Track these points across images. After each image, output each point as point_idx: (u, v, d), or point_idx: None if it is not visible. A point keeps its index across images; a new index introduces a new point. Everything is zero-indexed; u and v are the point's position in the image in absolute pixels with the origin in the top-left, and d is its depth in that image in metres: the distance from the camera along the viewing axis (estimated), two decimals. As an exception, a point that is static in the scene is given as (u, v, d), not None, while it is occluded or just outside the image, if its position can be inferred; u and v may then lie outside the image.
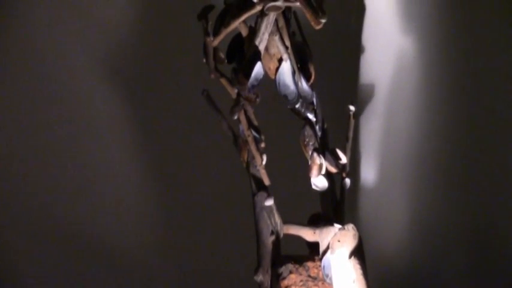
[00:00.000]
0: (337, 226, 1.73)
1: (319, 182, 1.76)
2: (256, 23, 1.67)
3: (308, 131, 1.76)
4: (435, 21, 2.27)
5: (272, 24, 1.67)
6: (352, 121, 1.84)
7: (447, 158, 2.35)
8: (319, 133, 1.78)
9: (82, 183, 2.37)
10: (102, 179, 2.38)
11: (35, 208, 2.36)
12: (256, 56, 1.67)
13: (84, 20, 2.29)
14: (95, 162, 2.37)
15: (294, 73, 1.71)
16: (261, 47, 1.67)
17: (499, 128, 2.32)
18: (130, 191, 2.40)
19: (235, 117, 1.67)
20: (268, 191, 1.73)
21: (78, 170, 2.37)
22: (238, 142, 1.77)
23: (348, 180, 1.82)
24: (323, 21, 1.63)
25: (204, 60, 1.69)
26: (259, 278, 1.67)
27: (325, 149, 1.79)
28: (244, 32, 1.70)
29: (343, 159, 1.80)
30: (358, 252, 1.70)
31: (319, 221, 1.79)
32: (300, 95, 1.72)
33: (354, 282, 1.66)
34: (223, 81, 1.69)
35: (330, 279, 1.69)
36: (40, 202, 2.36)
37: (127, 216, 2.40)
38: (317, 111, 1.78)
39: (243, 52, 1.71)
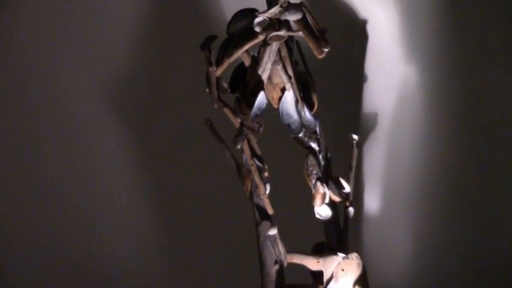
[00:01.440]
0: (341, 255, 1.73)
1: (322, 211, 1.75)
2: (259, 53, 1.68)
3: (311, 160, 1.76)
4: (437, 49, 2.28)
5: (275, 54, 1.67)
6: (356, 150, 1.84)
7: (450, 186, 2.34)
8: (322, 162, 1.78)
9: (85, 212, 2.37)
10: (105, 206, 2.38)
11: (39, 237, 2.36)
12: (259, 86, 1.67)
13: (87, 49, 2.30)
14: (98, 189, 2.37)
15: (297, 102, 1.71)
16: (264, 77, 1.68)
17: (502, 155, 2.32)
18: (133, 220, 2.40)
19: (239, 147, 1.67)
20: (272, 221, 1.73)
21: (81, 198, 2.37)
22: (241, 171, 1.76)
23: (351, 209, 1.82)
24: (326, 50, 1.63)
25: (207, 90, 1.69)
26: (263, 307, 1.67)
27: (329, 178, 1.79)
28: (247, 62, 1.70)
29: (347, 188, 1.80)
30: (362, 281, 1.69)
31: (323, 250, 1.78)
32: (303, 124, 1.73)
33: (358, 311, 1.66)
34: (226, 110, 1.69)
35: (334, 308, 1.69)
36: (43, 231, 2.36)
37: (130, 246, 2.40)
38: (320, 140, 1.78)
39: (246, 82, 1.71)
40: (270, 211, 1.73)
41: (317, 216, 1.76)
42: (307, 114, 1.73)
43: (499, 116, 2.31)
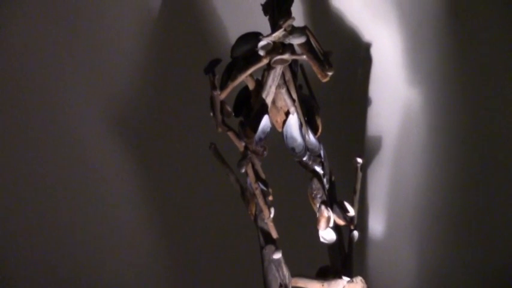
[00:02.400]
0: (345, 278, 1.72)
1: (327, 235, 1.75)
2: (263, 76, 1.68)
3: (316, 183, 1.76)
4: (441, 72, 2.28)
5: (279, 77, 1.67)
6: (360, 173, 1.84)
7: (456, 208, 2.34)
8: (326, 186, 1.78)
9: (89, 232, 2.37)
10: (106, 219, 2.38)
11: (39, 247, 2.36)
12: (263, 109, 1.67)
13: (92, 68, 2.31)
14: (101, 209, 2.37)
15: (301, 126, 1.72)
16: (268, 100, 1.68)
17: (507, 177, 2.32)
18: (133, 234, 2.40)
19: (243, 171, 1.67)
20: (276, 244, 1.72)
21: (85, 217, 2.37)
22: (245, 195, 1.76)
23: (356, 233, 1.81)
24: (330, 74, 1.64)
25: (211, 114, 1.70)
26: (267, 331, 1.67)
27: (333, 201, 1.79)
28: (251, 85, 1.71)
29: (351, 212, 1.80)
30: (367, 305, 1.69)
31: (327, 273, 1.78)
32: (307, 148, 1.73)
33: (363, 335, 1.65)
34: (230, 134, 1.69)
35: (339, 332, 1.69)
36: (47, 252, 2.36)
37: (133, 269, 2.40)
38: (324, 163, 1.78)
39: (250, 105, 1.72)
40: (275, 235, 1.72)
41: (321, 239, 1.76)
42: (311, 137, 1.73)
43: (504, 138, 2.30)
